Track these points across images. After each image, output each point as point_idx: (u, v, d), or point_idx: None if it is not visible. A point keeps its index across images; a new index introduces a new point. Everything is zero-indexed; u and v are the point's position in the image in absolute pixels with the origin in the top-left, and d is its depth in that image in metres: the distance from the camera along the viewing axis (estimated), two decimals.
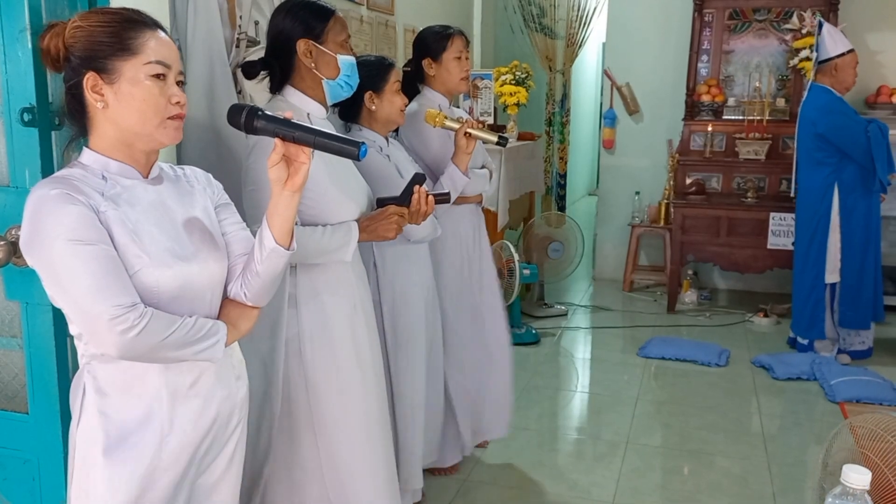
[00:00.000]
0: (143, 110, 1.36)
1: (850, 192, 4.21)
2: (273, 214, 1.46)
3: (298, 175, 1.43)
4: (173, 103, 1.39)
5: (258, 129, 1.41)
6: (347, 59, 2.06)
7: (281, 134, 1.39)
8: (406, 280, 2.58)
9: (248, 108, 1.41)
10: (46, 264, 1.30)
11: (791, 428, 3.62)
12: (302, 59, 2.02)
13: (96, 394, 1.39)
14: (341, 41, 2.05)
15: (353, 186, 2.14)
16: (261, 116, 1.40)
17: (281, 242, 1.47)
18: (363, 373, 2.12)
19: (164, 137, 1.40)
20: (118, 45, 1.35)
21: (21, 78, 1.58)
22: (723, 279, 6.08)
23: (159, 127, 1.38)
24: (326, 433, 2.05)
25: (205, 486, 1.53)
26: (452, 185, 2.66)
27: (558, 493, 3.00)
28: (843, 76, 4.22)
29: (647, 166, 6.17)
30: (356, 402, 2.09)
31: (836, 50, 4.22)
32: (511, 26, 7.33)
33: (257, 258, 1.48)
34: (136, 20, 1.38)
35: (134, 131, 1.38)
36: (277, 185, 1.43)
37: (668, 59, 5.99)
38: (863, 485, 1.26)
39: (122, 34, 1.35)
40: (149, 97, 1.36)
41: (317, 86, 2.06)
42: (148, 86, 1.36)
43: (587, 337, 5.03)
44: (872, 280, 4.31)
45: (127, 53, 1.35)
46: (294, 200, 1.46)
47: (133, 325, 1.29)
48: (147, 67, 1.36)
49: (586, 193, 10.71)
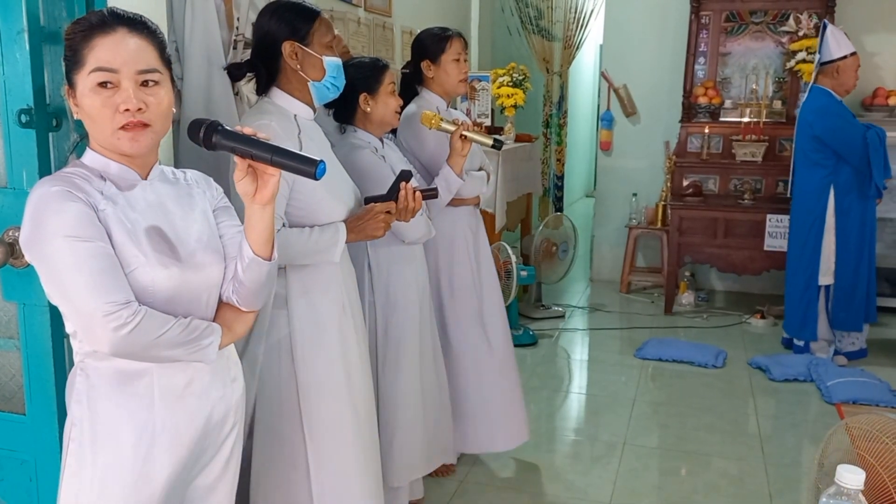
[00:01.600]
0: (91, 123, 1.35)
1: (845, 194, 4.22)
2: (248, 228, 1.45)
3: (267, 188, 1.39)
4: (121, 111, 1.32)
5: (216, 145, 1.37)
6: (333, 60, 2.05)
7: (238, 151, 1.36)
8: (400, 281, 2.59)
9: (207, 124, 1.37)
10: (45, 261, 1.30)
11: (787, 429, 3.63)
12: (287, 60, 2.01)
13: (89, 391, 1.39)
14: (327, 42, 2.05)
15: (341, 187, 2.14)
16: (219, 132, 1.36)
17: (259, 253, 1.45)
18: (352, 373, 2.12)
19: (122, 147, 1.36)
20: (73, 56, 1.33)
21: (19, 79, 1.58)
22: (720, 281, 6.09)
23: (111, 137, 1.35)
24: (316, 433, 2.05)
25: (201, 488, 1.53)
26: (447, 186, 2.67)
27: (555, 494, 3.01)
28: (844, 79, 4.23)
29: (645, 168, 6.18)
30: (345, 402, 2.10)
31: (839, 52, 4.22)
32: (508, 28, 7.35)
33: (239, 268, 1.47)
34: (93, 25, 1.33)
35: (98, 141, 1.37)
36: (247, 198, 1.41)
37: (665, 61, 6.00)
38: (857, 485, 1.26)
39: (76, 45, 1.33)
40: (91, 109, 1.33)
41: (303, 87, 2.05)
42: (90, 98, 1.32)
43: (584, 338, 5.04)
44: (866, 282, 4.33)
45: (77, 66, 1.33)
46: (266, 212, 1.42)
47: (126, 322, 1.29)
48: (91, 77, 1.32)
49: (584, 195, 10.72)
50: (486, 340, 3.04)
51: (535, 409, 3.84)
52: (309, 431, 2.05)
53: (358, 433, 2.14)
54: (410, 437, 2.67)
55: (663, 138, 6.06)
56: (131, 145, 1.35)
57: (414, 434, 2.69)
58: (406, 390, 2.63)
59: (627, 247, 6.01)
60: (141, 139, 1.36)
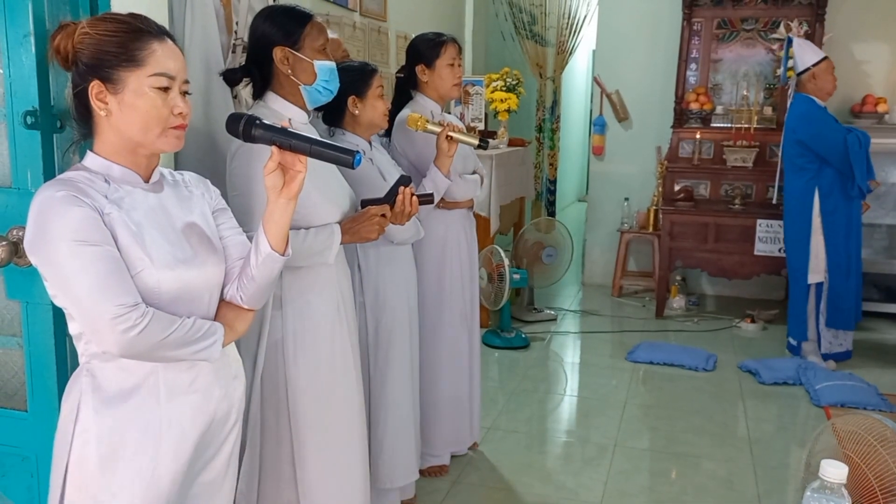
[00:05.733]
0: (146, 121, 1.39)
1: (829, 196, 4.31)
2: (268, 221, 1.50)
3: (294, 183, 1.46)
4: (175, 114, 1.41)
5: (256, 137, 1.44)
6: (325, 64, 2.07)
7: (278, 142, 1.43)
8: (389, 282, 2.62)
9: (247, 118, 1.45)
10: (50, 264, 1.32)
11: (776, 432, 3.67)
12: (279, 66, 2.04)
13: (95, 392, 1.40)
14: (318, 47, 2.06)
15: (336, 189, 2.17)
16: (259, 125, 1.44)
17: (276, 248, 1.50)
18: (343, 373, 2.15)
19: (165, 146, 1.43)
20: (124, 55, 1.37)
21: (24, 81, 1.61)
22: (710, 285, 6.14)
23: (161, 136, 1.41)
24: (303, 433, 2.08)
25: (206, 485, 1.56)
26: (434, 187, 2.69)
27: (546, 495, 3.04)
28: (822, 83, 4.35)
29: (636, 173, 6.23)
30: (335, 402, 2.13)
31: (809, 61, 4.38)
32: (502, 33, 7.39)
33: (253, 263, 1.51)
34: (143, 30, 1.39)
35: (136, 140, 1.40)
36: (273, 192, 1.46)
37: (658, 67, 6.05)
38: (839, 479, 1.30)
39: (128, 45, 1.37)
40: (151, 109, 1.38)
41: (296, 91, 2.08)
42: (151, 97, 1.38)
43: (576, 341, 5.07)
44: (856, 282, 4.39)
45: (132, 64, 1.37)
46: (289, 208, 1.49)
47: (135, 325, 1.32)
48: (151, 80, 1.38)
49: (576, 199, 10.77)
50: (469, 342, 3.13)
51: (527, 411, 3.88)
52: (296, 431, 2.07)
53: (347, 433, 2.16)
54: (401, 438, 2.70)
55: (655, 143, 6.11)
56: (177, 143, 1.45)
57: (405, 435, 2.72)
58: (396, 391, 2.66)
59: (619, 251, 6.05)
60: (182, 138, 1.45)
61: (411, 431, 2.76)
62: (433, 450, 3.10)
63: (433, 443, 3.09)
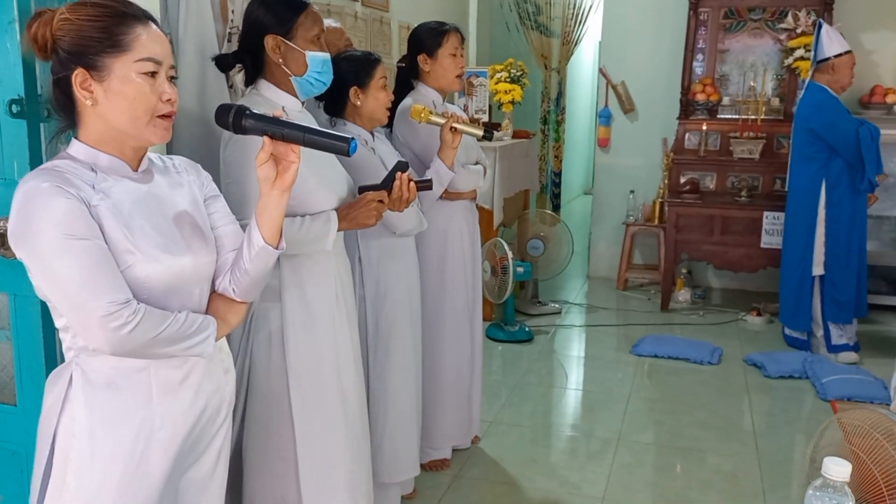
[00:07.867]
0: (134, 108, 1.34)
1: (836, 188, 4.28)
2: (261, 214, 1.46)
3: (287, 174, 1.42)
4: (164, 101, 1.37)
5: (247, 128, 1.40)
6: (317, 55, 2.02)
7: (270, 132, 1.38)
8: (390, 274, 2.59)
9: (236, 108, 1.41)
10: (36, 257, 1.28)
11: (782, 426, 3.63)
12: (270, 54, 2.00)
13: (84, 386, 1.37)
14: (312, 37, 2.02)
15: (332, 176, 2.13)
16: (249, 116, 1.40)
17: (270, 242, 1.47)
18: (343, 364, 2.12)
19: (154, 136, 1.38)
20: (108, 41, 1.32)
21: (10, 69, 1.58)
22: (716, 278, 6.09)
23: (149, 125, 1.36)
24: (304, 426, 2.05)
25: (195, 480, 1.53)
26: (438, 179, 2.66)
27: (550, 490, 3.01)
28: (839, 76, 4.28)
29: (642, 165, 6.18)
30: (334, 395, 2.10)
31: (833, 50, 4.28)
32: (507, 24, 7.34)
33: (246, 257, 1.47)
34: (126, 14, 1.34)
35: (123, 129, 1.36)
36: (266, 184, 1.42)
37: (664, 57, 5.99)
38: (843, 477, 1.26)
39: (112, 29, 1.32)
40: (139, 95, 1.34)
41: (288, 81, 2.04)
42: (139, 83, 1.34)
43: (581, 335, 5.03)
44: (856, 276, 4.35)
45: (117, 50, 1.32)
46: (283, 199, 1.45)
47: (126, 322, 1.28)
48: (138, 65, 1.33)
49: (581, 192, 10.71)
50: (470, 335, 3.10)
51: (531, 405, 3.85)
52: (298, 424, 2.05)
53: (348, 426, 2.14)
54: (402, 432, 2.67)
55: (661, 135, 6.05)
56: (164, 134, 1.39)
57: (406, 429, 2.69)
58: (397, 385, 2.64)
59: (624, 244, 6.01)
60: (170, 130, 1.40)
61: (413, 425, 2.73)
62: (434, 443, 3.08)
63: (434, 436, 3.06)
